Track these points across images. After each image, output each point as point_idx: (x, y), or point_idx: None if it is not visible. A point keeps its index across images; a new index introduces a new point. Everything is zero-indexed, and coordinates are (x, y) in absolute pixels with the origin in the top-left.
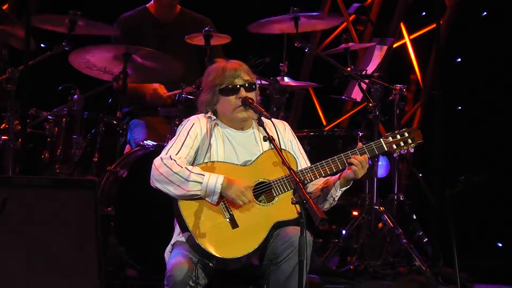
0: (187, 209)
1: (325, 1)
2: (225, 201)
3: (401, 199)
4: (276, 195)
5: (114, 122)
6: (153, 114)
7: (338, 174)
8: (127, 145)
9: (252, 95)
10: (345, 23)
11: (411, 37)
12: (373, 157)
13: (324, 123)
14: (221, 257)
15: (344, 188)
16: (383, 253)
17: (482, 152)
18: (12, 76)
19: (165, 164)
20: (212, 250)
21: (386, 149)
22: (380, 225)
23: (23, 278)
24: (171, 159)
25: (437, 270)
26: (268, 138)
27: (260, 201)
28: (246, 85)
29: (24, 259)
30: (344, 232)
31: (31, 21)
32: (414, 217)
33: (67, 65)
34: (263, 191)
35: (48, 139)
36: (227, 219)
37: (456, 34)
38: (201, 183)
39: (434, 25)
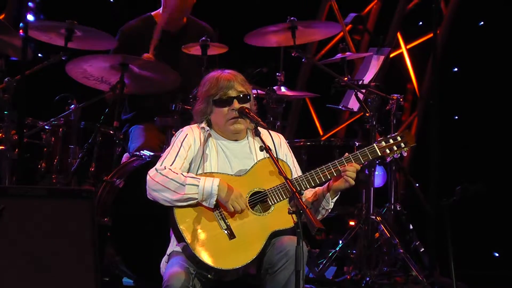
0: (183, 221)
1: (322, 11)
2: (221, 211)
3: (398, 208)
4: (272, 204)
5: (111, 132)
6: (150, 122)
7: (326, 185)
8: (125, 154)
9: (246, 106)
10: (342, 33)
11: (408, 46)
12: (367, 163)
13: (321, 132)
14: (219, 268)
15: (335, 199)
16: (379, 263)
17: (478, 162)
18: (9, 85)
19: (160, 173)
20: (209, 261)
21: (379, 153)
22: (377, 235)
23: None
24: (166, 169)
25: (434, 279)
26: (265, 148)
27: (255, 211)
28: (240, 96)
29: (20, 269)
30: (340, 242)
31: (28, 31)
32: (411, 227)
33: (64, 75)
34: (259, 201)
35: (45, 149)
36: (224, 230)
37: (453, 43)
38: (197, 186)
39: (431, 35)
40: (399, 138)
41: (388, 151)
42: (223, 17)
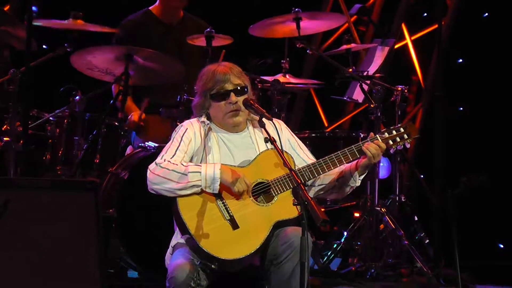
0: (187, 212)
1: (327, 2)
2: (224, 201)
3: (403, 200)
4: (275, 194)
5: (116, 123)
6: (156, 115)
7: (354, 163)
8: (129, 146)
9: (244, 97)
10: (346, 24)
11: (413, 38)
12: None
13: (326, 124)
14: (223, 258)
15: (362, 176)
16: (384, 254)
17: (483, 153)
18: (13, 77)
19: (160, 166)
20: (213, 252)
21: (384, 145)
22: (382, 226)
23: (24, 280)
24: (165, 161)
25: (439, 271)
26: (270, 140)
27: (259, 202)
28: (237, 88)
29: (25, 261)
30: (345, 233)
31: (33, 22)
32: (416, 218)
33: (68, 67)
34: (262, 191)
35: (50, 141)
36: (227, 221)
37: (457, 35)
38: (200, 172)
39: (435, 26)
40: (402, 130)
41: (391, 142)
42: (227, 8)
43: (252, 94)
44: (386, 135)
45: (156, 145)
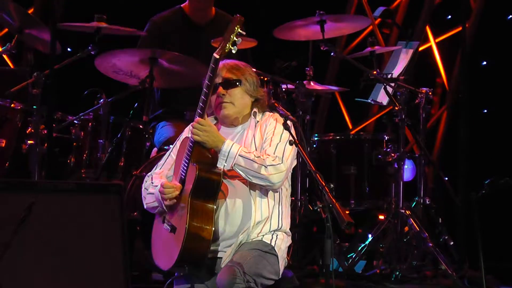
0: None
1: (351, 5)
2: (164, 218)
3: (427, 202)
4: (184, 177)
5: (140, 126)
6: (180, 118)
7: None
8: (154, 149)
9: (236, 91)
10: (371, 27)
11: (437, 40)
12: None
13: (350, 126)
14: (178, 255)
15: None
16: (409, 256)
17: (508, 155)
18: (38, 80)
19: (145, 181)
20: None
21: (218, 57)
22: (406, 228)
23: (49, 283)
24: (149, 176)
25: (463, 273)
26: (294, 142)
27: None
28: (224, 82)
29: (49, 264)
30: (370, 236)
31: (57, 25)
32: (440, 220)
33: (93, 69)
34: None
35: (74, 144)
36: (173, 232)
37: (481, 37)
38: (153, 193)
39: (459, 28)
40: (231, 28)
41: (230, 46)
42: (253, 11)
43: (255, 91)
44: (221, 45)
45: None
